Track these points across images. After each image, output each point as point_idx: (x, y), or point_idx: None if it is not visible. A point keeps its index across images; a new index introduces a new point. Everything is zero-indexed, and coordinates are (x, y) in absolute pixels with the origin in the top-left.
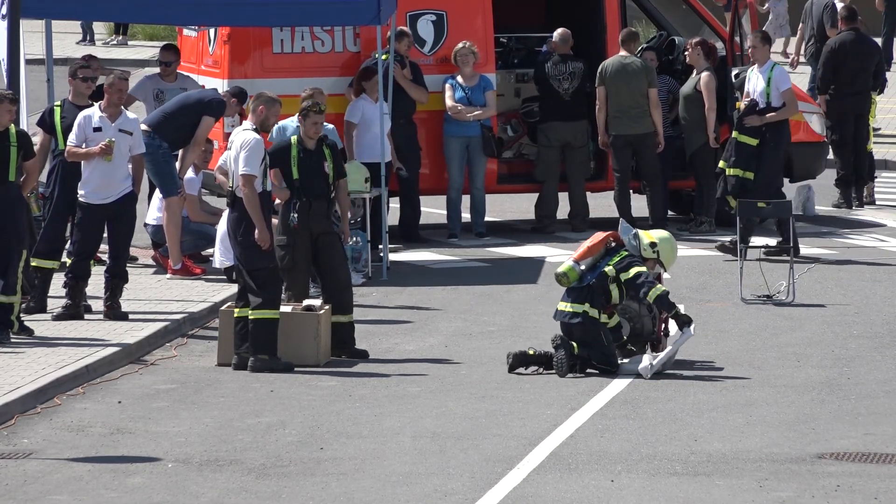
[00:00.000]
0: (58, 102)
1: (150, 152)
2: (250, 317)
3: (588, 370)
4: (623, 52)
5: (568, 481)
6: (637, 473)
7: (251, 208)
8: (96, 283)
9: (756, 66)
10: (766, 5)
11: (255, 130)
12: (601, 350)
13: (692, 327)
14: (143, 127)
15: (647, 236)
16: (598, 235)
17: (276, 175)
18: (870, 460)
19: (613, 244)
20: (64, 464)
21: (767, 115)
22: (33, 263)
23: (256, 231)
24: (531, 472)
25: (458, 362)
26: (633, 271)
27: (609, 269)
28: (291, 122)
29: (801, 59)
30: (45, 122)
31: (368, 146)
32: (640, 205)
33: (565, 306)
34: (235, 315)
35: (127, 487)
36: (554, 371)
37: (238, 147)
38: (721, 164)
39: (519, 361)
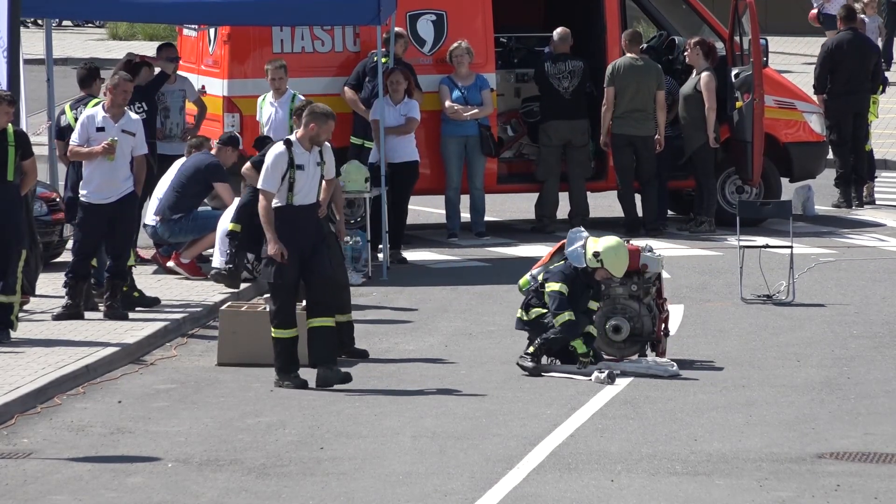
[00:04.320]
0: None
1: (180, 224)
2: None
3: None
4: (632, 54)
5: (568, 481)
6: (637, 473)
7: (263, 222)
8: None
9: (271, 94)
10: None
11: (286, 142)
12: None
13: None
14: (159, 217)
15: (593, 244)
16: (558, 243)
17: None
18: (870, 460)
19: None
20: (64, 464)
21: None
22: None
23: (269, 245)
24: (531, 471)
25: (458, 362)
26: (548, 287)
27: (540, 275)
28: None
29: None
30: None
31: (391, 147)
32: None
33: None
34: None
35: (127, 487)
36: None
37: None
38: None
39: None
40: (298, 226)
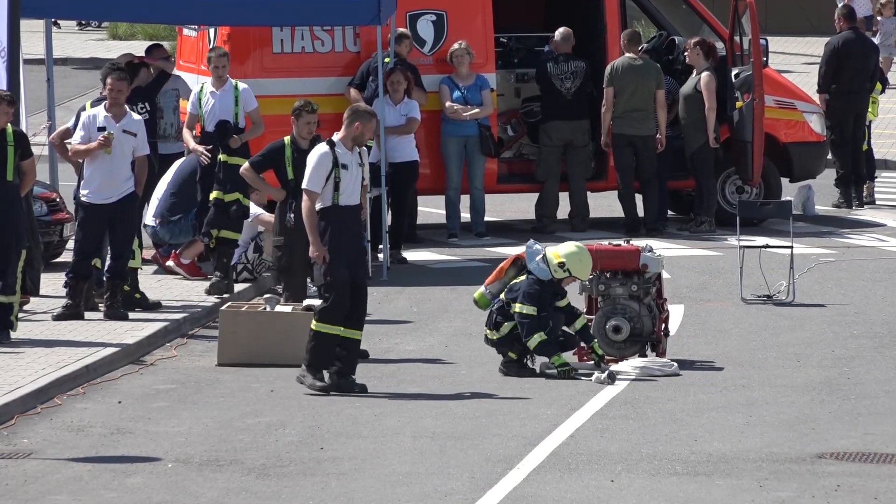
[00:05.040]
0: None
1: (179, 225)
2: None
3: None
4: (631, 54)
5: (568, 481)
6: (637, 473)
7: (306, 224)
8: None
9: (210, 83)
10: (875, 26)
11: (329, 142)
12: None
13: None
14: (158, 220)
15: (555, 257)
16: (510, 257)
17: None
18: (870, 460)
19: (524, 264)
20: (64, 464)
21: (241, 136)
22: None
23: (311, 247)
24: (531, 472)
25: (458, 362)
26: (517, 308)
27: (501, 293)
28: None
29: None
30: None
31: (392, 147)
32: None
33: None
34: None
35: (127, 487)
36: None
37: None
38: (215, 193)
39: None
40: (345, 226)
